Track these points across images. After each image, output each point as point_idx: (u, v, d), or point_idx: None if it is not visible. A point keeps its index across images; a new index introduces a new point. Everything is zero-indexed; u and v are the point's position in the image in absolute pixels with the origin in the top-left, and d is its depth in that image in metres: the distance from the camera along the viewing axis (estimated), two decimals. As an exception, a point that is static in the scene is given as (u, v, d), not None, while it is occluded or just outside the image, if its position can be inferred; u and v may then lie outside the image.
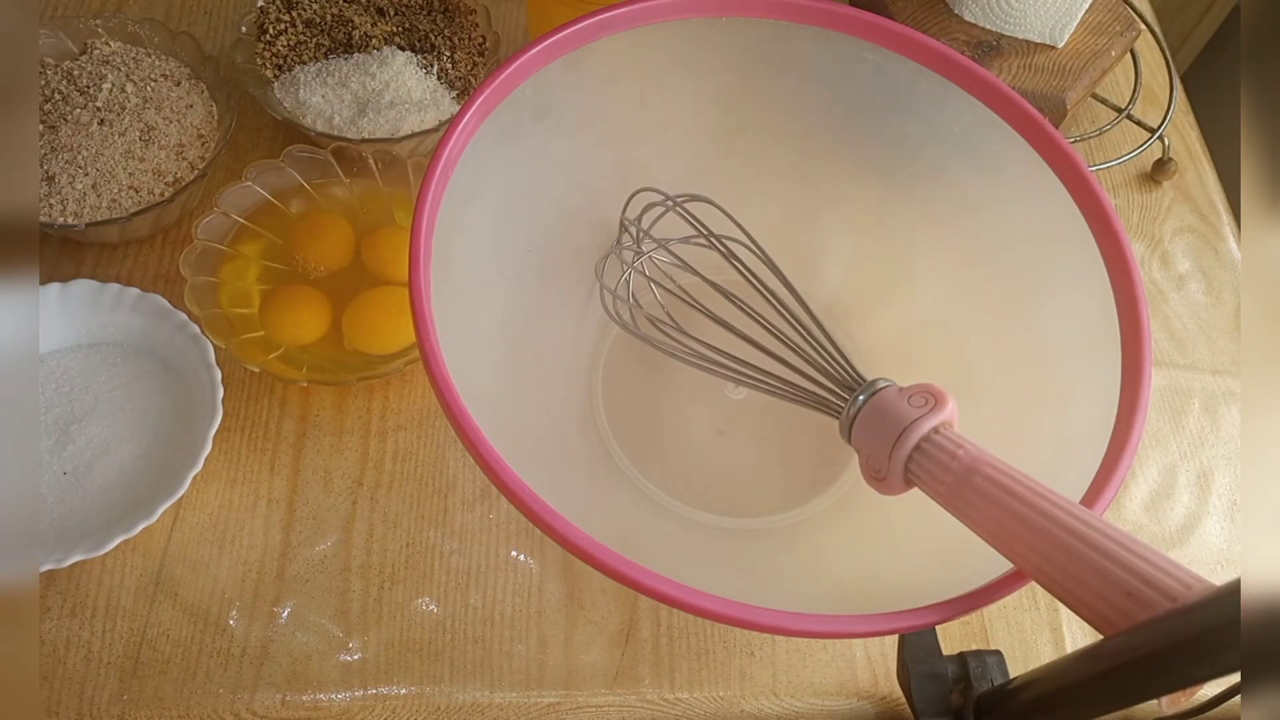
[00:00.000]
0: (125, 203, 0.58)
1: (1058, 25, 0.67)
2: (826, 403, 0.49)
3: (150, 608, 0.51)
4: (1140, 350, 0.47)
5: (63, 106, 0.59)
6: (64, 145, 0.57)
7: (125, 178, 0.58)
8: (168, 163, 0.60)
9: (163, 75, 0.62)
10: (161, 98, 0.61)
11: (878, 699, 0.53)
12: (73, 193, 0.57)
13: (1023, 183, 0.53)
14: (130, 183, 0.58)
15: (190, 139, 0.61)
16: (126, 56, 0.63)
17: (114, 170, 0.58)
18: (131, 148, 0.58)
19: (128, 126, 0.59)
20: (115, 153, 0.58)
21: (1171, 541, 0.61)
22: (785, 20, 0.54)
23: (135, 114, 0.59)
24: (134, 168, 0.58)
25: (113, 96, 0.59)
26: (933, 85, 0.54)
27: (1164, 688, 0.35)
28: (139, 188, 0.58)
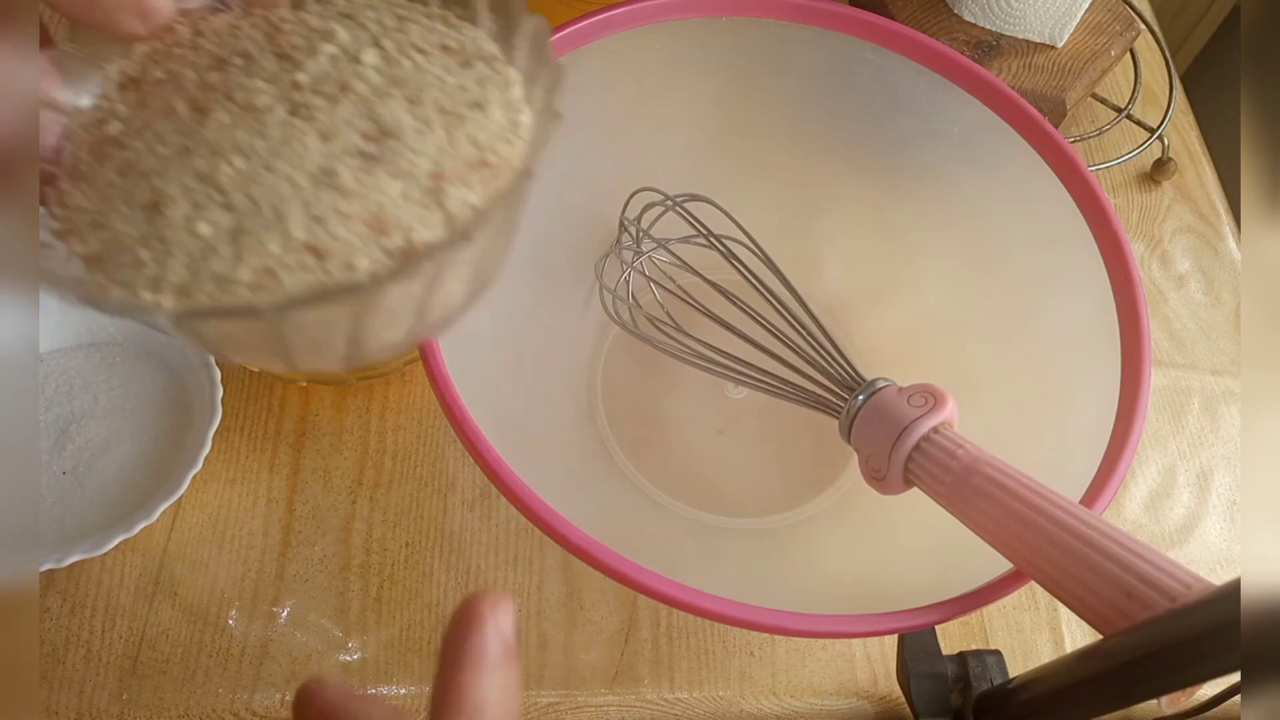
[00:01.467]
0: (289, 280, 0.25)
1: (1057, 25, 0.67)
2: (826, 402, 0.49)
3: (149, 607, 0.51)
4: (1140, 350, 0.47)
5: (233, 76, 0.27)
6: (204, 145, 0.26)
7: (303, 226, 0.25)
8: (402, 209, 0.26)
9: (441, 47, 0.29)
10: (425, 83, 0.28)
11: (877, 699, 0.53)
12: (189, 243, 0.25)
13: (1022, 183, 0.53)
14: (310, 239, 0.25)
15: (462, 165, 0.27)
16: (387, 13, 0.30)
17: (284, 208, 0.25)
18: (334, 166, 0.26)
19: (341, 126, 0.26)
20: (300, 172, 0.25)
21: (1171, 541, 0.61)
22: (785, 20, 0.54)
23: (364, 105, 0.27)
24: (327, 208, 0.25)
25: (332, 69, 0.28)
26: (932, 85, 0.54)
27: (1164, 687, 0.35)
28: (325, 251, 0.25)
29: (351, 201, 0.25)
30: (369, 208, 0.25)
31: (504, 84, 0.29)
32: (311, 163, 0.25)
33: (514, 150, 0.28)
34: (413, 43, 0.29)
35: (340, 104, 0.27)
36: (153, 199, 0.25)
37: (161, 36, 0.28)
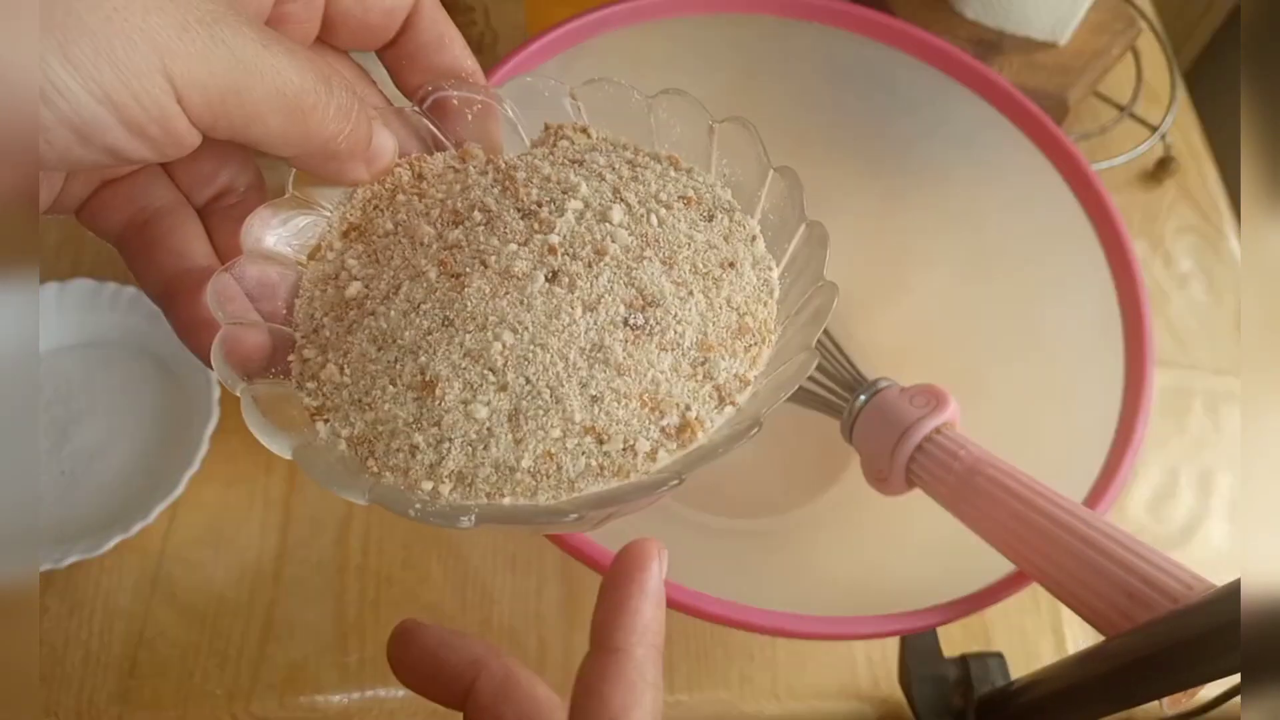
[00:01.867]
0: (570, 466, 0.24)
1: (1059, 23, 0.66)
2: (827, 402, 0.49)
3: (148, 608, 0.51)
4: (1142, 350, 0.46)
5: (480, 236, 0.26)
6: (468, 317, 0.24)
7: (583, 408, 0.24)
8: (675, 383, 0.25)
9: (681, 199, 0.28)
10: (677, 243, 0.27)
11: (878, 701, 0.53)
12: (466, 428, 0.23)
13: (1024, 181, 0.53)
14: (590, 421, 0.24)
15: (725, 334, 0.26)
16: (617, 158, 0.29)
17: (562, 388, 0.24)
18: (606, 341, 0.24)
19: (604, 295, 0.25)
20: (571, 349, 0.24)
21: (1173, 542, 0.61)
22: (785, 17, 0.54)
23: (622, 270, 0.25)
24: (603, 386, 0.24)
25: (583, 229, 0.26)
26: (934, 83, 0.54)
27: (1166, 689, 0.35)
28: (606, 433, 0.24)
29: (626, 379, 0.24)
30: (644, 384, 0.24)
31: (749, 238, 0.28)
32: (582, 337, 0.24)
33: (769, 312, 0.27)
34: (654, 194, 0.28)
35: (599, 269, 0.25)
36: (423, 378, 0.24)
37: (380, 179, 0.28)
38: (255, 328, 0.25)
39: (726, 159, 0.30)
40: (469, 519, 0.22)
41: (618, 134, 0.30)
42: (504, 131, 0.30)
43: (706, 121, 0.30)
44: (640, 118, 0.30)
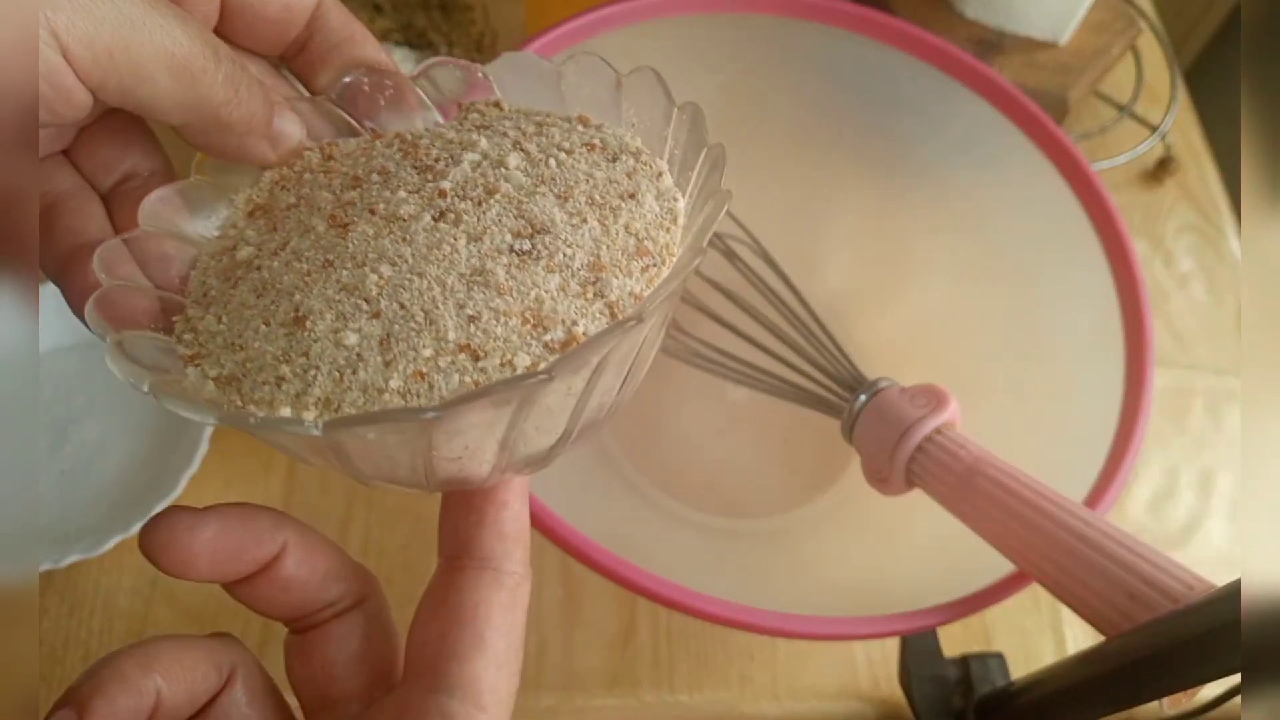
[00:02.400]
0: (443, 384, 0.23)
1: (1060, 22, 0.66)
2: (827, 403, 0.49)
3: (147, 609, 0.51)
4: (1143, 350, 0.46)
5: (374, 192, 0.26)
6: (348, 257, 0.24)
7: (457, 327, 0.23)
8: (561, 301, 0.24)
9: (585, 145, 0.28)
10: (574, 179, 0.27)
11: (878, 701, 0.53)
12: (334, 355, 0.23)
13: (1025, 180, 0.53)
14: (464, 339, 0.23)
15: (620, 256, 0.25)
16: (525, 122, 0.29)
17: (436, 310, 0.23)
18: (486, 266, 0.24)
19: (491, 226, 0.25)
20: (450, 274, 0.24)
21: (1174, 542, 0.61)
22: (786, 16, 0.54)
23: (512, 204, 0.26)
24: (481, 306, 0.24)
25: (476, 175, 0.26)
26: (934, 82, 0.54)
27: (1166, 689, 0.35)
28: (482, 350, 0.23)
29: (506, 299, 0.23)
30: (526, 303, 0.23)
31: (654, 174, 0.28)
32: (462, 264, 0.24)
33: (672, 237, 0.26)
34: (556, 144, 0.27)
35: (488, 206, 0.25)
36: (295, 315, 0.23)
37: (290, 162, 0.28)
38: (142, 291, 0.25)
39: (634, 109, 0.29)
40: (314, 426, 0.21)
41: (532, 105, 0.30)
42: (420, 115, 0.30)
43: (612, 77, 0.29)
44: (551, 85, 0.29)
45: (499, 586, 0.25)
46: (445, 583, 0.25)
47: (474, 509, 0.26)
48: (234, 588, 0.25)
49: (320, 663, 0.26)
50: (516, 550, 0.25)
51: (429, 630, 0.25)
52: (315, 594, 0.26)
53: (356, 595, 0.26)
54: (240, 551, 0.24)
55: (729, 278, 0.54)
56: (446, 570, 0.25)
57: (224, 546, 0.24)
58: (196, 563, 0.24)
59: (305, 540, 0.25)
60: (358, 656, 0.26)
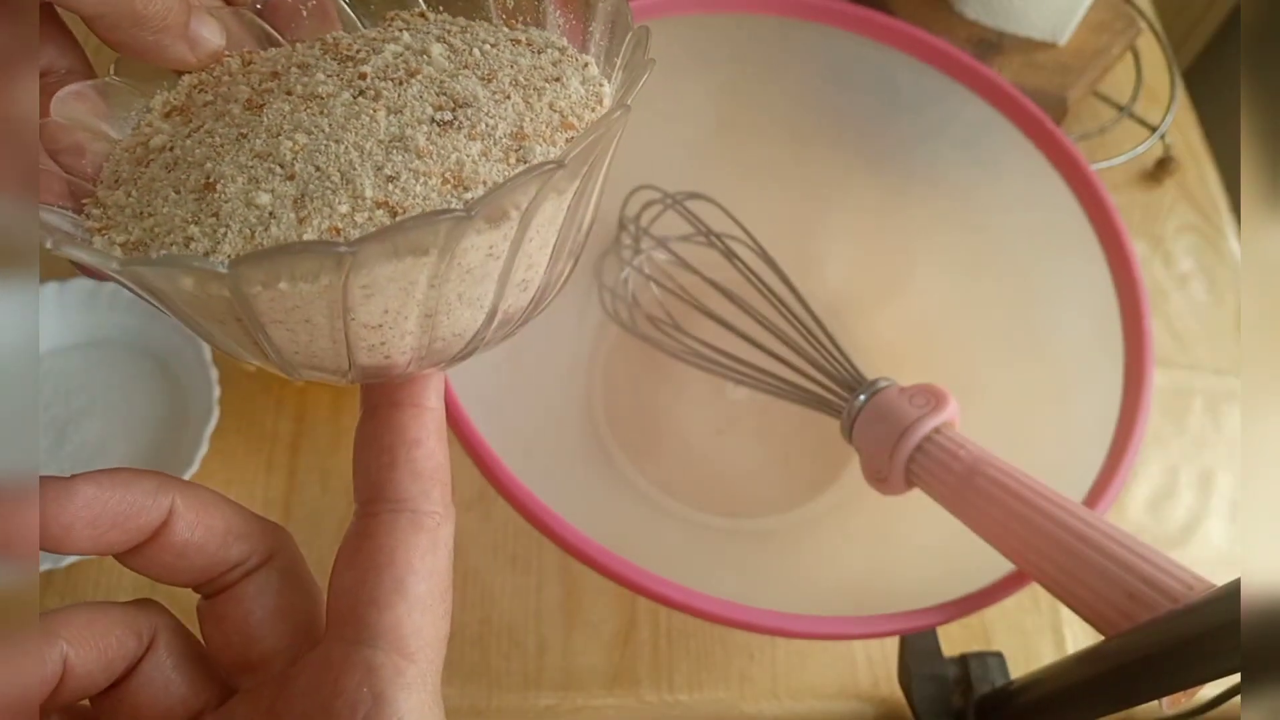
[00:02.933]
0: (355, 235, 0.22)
1: (1059, 23, 0.66)
2: (827, 402, 0.49)
3: (147, 608, 0.51)
4: (1142, 350, 0.46)
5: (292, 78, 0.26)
6: (262, 129, 0.24)
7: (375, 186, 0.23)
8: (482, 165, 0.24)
9: (510, 40, 0.28)
10: (498, 64, 0.27)
11: (878, 701, 0.53)
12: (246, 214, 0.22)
13: (1024, 181, 0.53)
14: (382, 196, 0.23)
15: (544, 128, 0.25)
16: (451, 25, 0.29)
17: (353, 171, 0.23)
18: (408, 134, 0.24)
19: (412, 101, 0.25)
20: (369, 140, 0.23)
21: (1173, 542, 0.61)
22: (786, 17, 0.54)
23: (433, 84, 0.25)
24: (400, 167, 0.23)
25: (398, 62, 0.26)
26: (934, 82, 0.54)
27: (1165, 688, 0.35)
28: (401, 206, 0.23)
29: (427, 160, 0.23)
30: (447, 165, 0.23)
31: (580, 64, 0.27)
32: (381, 132, 0.23)
33: (595, 116, 0.26)
34: (480, 39, 0.27)
35: (409, 85, 0.25)
36: (206, 181, 0.23)
37: (209, 68, 0.28)
38: (51, 174, 0.24)
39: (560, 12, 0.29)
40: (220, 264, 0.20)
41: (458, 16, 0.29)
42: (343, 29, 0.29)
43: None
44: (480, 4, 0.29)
45: (417, 529, 0.24)
46: (361, 529, 0.24)
47: (385, 449, 0.25)
48: (126, 558, 0.24)
49: (235, 625, 0.25)
50: (434, 489, 0.25)
51: (346, 579, 0.24)
52: (216, 556, 0.25)
53: (265, 552, 0.25)
54: (121, 519, 0.23)
55: (729, 278, 0.54)
56: (362, 516, 0.25)
57: (101, 514, 0.23)
58: (71, 533, 0.23)
59: (197, 501, 0.24)
60: (274, 614, 0.25)
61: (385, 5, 0.29)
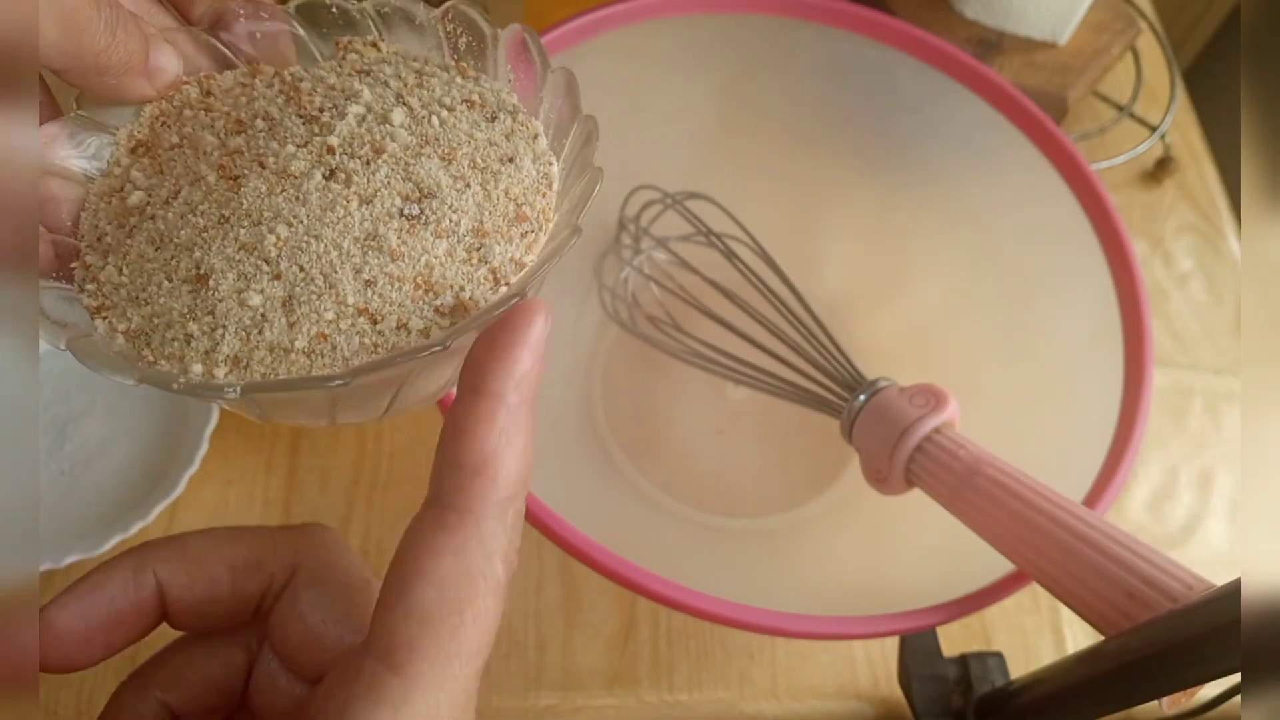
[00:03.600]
0: (345, 345, 0.25)
1: (1059, 22, 0.66)
2: (827, 402, 0.49)
3: (147, 608, 0.51)
4: (1142, 350, 0.46)
5: (260, 141, 0.27)
6: (244, 214, 0.25)
7: (356, 291, 0.25)
8: (449, 267, 0.26)
9: (464, 101, 0.29)
10: (457, 141, 0.28)
11: (878, 701, 0.53)
12: (240, 315, 0.24)
13: (1024, 180, 0.53)
14: (363, 303, 0.25)
15: (502, 222, 0.27)
16: (405, 68, 0.30)
17: (335, 274, 0.25)
18: (380, 230, 0.26)
19: (381, 189, 0.26)
20: (346, 238, 0.25)
21: (1173, 542, 0.61)
22: (785, 17, 0.54)
23: (400, 166, 0.27)
24: (377, 271, 0.25)
25: (363, 131, 0.27)
26: (934, 82, 0.54)
27: (1165, 688, 0.35)
28: (379, 314, 0.25)
29: (400, 264, 0.25)
30: (418, 269, 0.25)
31: (531, 136, 0.29)
32: (356, 227, 0.25)
33: (547, 202, 0.28)
34: (437, 99, 0.28)
35: (376, 166, 0.26)
36: (197, 272, 0.24)
37: (169, 96, 0.28)
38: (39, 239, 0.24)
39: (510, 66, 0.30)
40: (233, 391, 0.22)
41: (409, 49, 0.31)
42: (296, 50, 0.30)
43: (488, 31, 0.30)
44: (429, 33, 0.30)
45: (437, 527, 0.22)
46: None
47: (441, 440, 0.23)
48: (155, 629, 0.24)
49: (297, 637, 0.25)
50: (471, 484, 0.22)
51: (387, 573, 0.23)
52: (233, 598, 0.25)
53: (285, 568, 0.25)
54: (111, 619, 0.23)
55: (729, 278, 0.54)
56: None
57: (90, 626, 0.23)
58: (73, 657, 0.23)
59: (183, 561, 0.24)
60: (325, 619, 0.25)
61: (337, 30, 0.30)
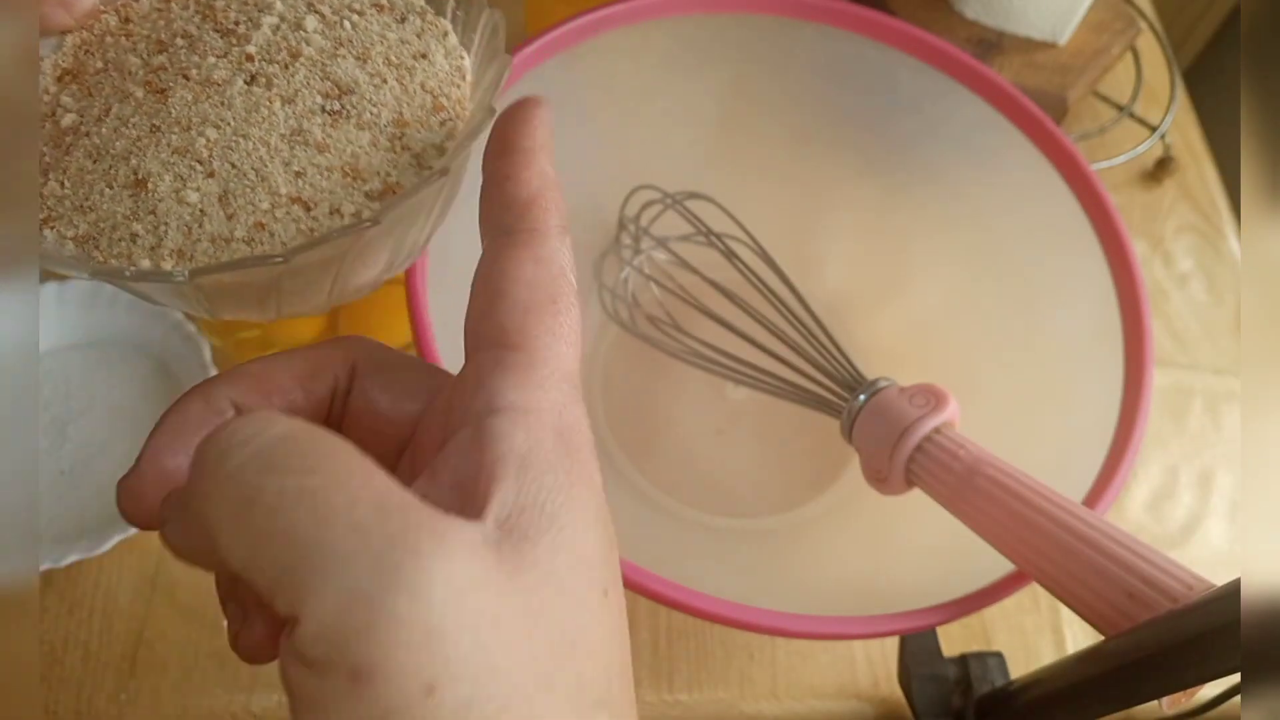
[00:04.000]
0: (282, 232, 0.27)
1: (1059, 22, 0.66)
2: (827, 402, 0.49)
3: (147, 608, 0.51)
4: (1142, 350, 0.46)
5: (182, 57, 0.29)
6: (173, 122, 0.27)
7: (286, 182, 0.28)
8: (374, 155, 0.29)
9: (374, 6, 0.32)
10: (370, 41, 0.30)
11: (878, 701, 0.53)
12: (180, 211, 0.26)
13: (1024, 181, 0.53)
14: (295, 192, 0.27)
15: (420, 112, 0.30)
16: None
17: (266, 168, 0.27)
18: (305, 126, 0.28)
19: (301, 89, 0.28)
20: (272, 135, 0.28)
21: (1173, 542, 0.61)
22: (786, 17, 0.54)
23: (317, 68, 0.29)
24: (305, 163, 0.28)
25: (278, 39, 0.29)
26: (934, 82, 0.54)
27: (1165, 688, 0.35)
28: (312, 201, 0.28)
29: (327, 155, 0.28)
30: (344, 159, 0.28)
31: (440, 33, 0.31)
32: (281, 125, 0.28)
33: (462, 92, 0.30)
34: (347, 4, 0.31)
35: (295, 69, 0.28)
36: (135, 177, 0.26)
37: (88, 25, 0.29)
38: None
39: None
40: (181, 275, 0.24)
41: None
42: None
43: None
44: None
45: (512, 246, 0.24)
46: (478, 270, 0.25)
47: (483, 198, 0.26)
48: None
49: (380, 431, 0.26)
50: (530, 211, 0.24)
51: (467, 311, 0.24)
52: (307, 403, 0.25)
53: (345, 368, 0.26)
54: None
55: (729, 278, 0.54)
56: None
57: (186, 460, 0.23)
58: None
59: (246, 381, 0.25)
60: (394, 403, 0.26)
61: None
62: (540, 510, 0.19)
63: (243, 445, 0.18)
